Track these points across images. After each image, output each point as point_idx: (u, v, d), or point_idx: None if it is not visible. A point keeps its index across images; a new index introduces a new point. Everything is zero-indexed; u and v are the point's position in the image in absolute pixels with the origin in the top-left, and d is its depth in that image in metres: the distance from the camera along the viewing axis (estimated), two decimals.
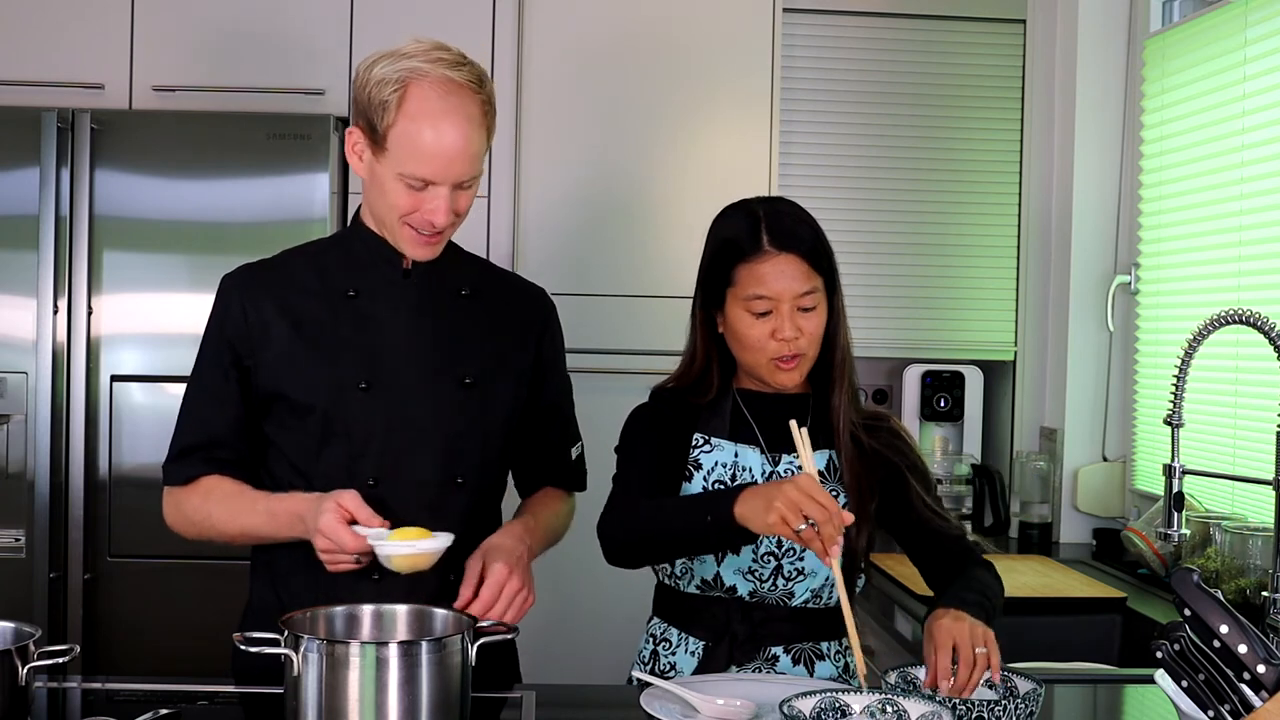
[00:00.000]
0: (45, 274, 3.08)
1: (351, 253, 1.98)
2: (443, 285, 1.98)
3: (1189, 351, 2.07)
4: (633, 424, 2.04)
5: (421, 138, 1.81)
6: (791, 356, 1.91)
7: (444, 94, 1.82)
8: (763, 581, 1.94)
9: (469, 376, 1.95)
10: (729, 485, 1.95)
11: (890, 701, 1.59)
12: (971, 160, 3.69)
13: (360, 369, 1.91)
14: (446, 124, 1.81)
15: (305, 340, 1.92)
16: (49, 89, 3.27)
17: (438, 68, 1.83)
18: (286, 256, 2.03)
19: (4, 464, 3.12)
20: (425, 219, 1.85)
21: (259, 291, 1.96)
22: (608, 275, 3.40)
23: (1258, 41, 2.78)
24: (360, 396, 1.90)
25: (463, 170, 1.84)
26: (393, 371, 1.92)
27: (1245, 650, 1.43)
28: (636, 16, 3.44)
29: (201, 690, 1.87)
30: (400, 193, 1.85)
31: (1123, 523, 3.24)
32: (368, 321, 1.93)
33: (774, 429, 1.98)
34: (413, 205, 1.85)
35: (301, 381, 1.91)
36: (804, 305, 1.91)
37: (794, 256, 1.90)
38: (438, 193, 1.84)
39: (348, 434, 1.91)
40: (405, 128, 1.81)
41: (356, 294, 1.94)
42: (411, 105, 1.81)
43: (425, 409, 1.93)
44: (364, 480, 1.89)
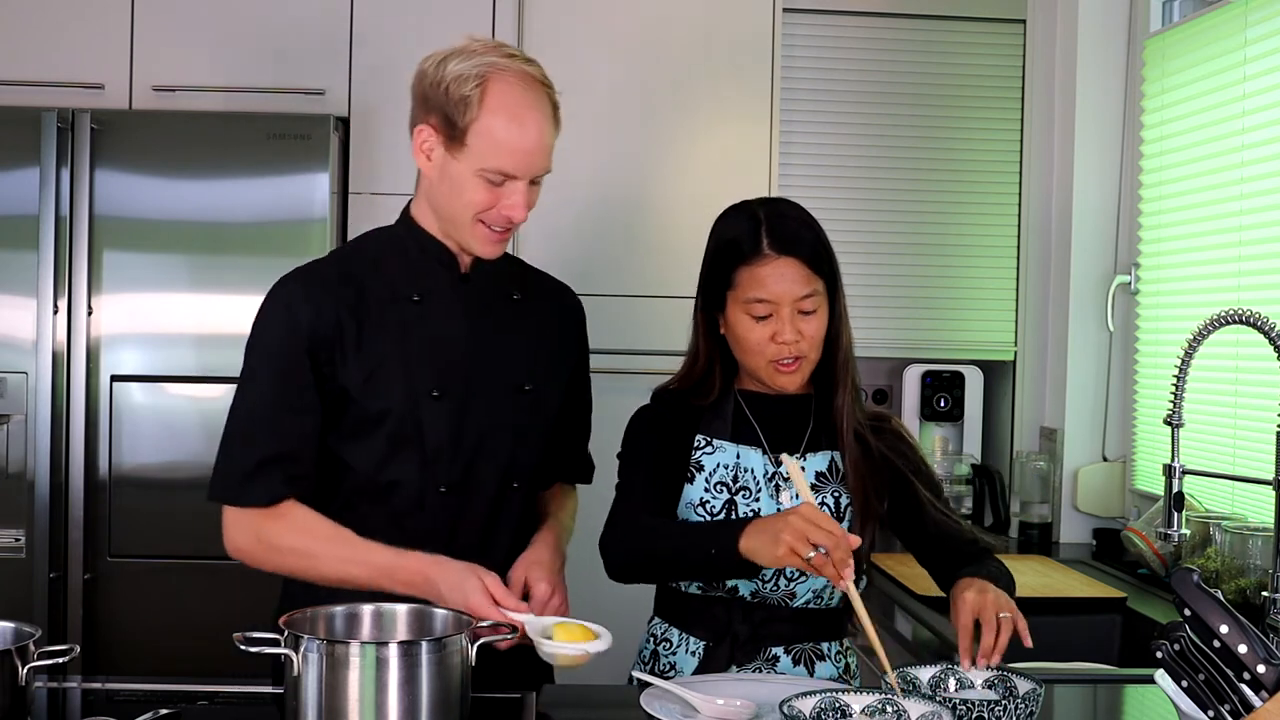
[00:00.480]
0: (45, 274, 3.08)
1: (410, 255, 1.94)
2: (496, 290, 1.97)
3: (1189, 351, 2.07)
4: (634, 428, 2.04)
5: (506, 132, 1.81)
6: (792, 359, 1.92)
7: (524, 88, 1.83)
8: (765, 582, 1.94)
9: (527, 384, 1.96)
10: (730, 487, 1.95)
11: (890, 701, 1.59)
12: (971, 160, 3.69)
13: (431, 376, 1.89)
14: (529, 117, 1.82)
15: (379, 347, 1.88)
16: (49, 89, 3.27)
17: (514, 63, 1.84)
18: (343, 259, 1.98)
19: (4, 464, 3.12)
20: (503, 215, 1.85)
21: (327, 296, 1.89)
22: (607, 275, 3.40)
23: (1258, 41, 2.78)
24: (432, 404, 1.89)
25: (542, 164, 1.85)
26: (460, 379, 1.91)
27: (1245, 650, 1.43)
28: (636, 16, 3.45)
29: (201, 690, 1.87)
30: (478, 189, 1.83)
31: (1123, 523, 3.24)
32: (433, 328, 1.91)
33: (776, 430, 1.98)
34: (490, 201, 1.84)
35: (377, 390, 1.88)
36: (804, 309, 1.91)
37: (794, 260, 1.89)
38: (516, 187, 1.83)
39: (421, 442, 1.89)
40: (488, 122, 1.81)
41: (421, 299, 1.91)
42: (493, 100, 1.81)
43: (489, 416, 1.93)
44: (436, 488, 1.90)
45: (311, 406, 1.87)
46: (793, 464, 1.82)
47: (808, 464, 1.97)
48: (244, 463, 1.88)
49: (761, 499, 1.95)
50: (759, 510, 1.94)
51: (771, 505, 1.95)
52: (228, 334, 3.13)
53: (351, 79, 3.35)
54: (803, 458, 1.97)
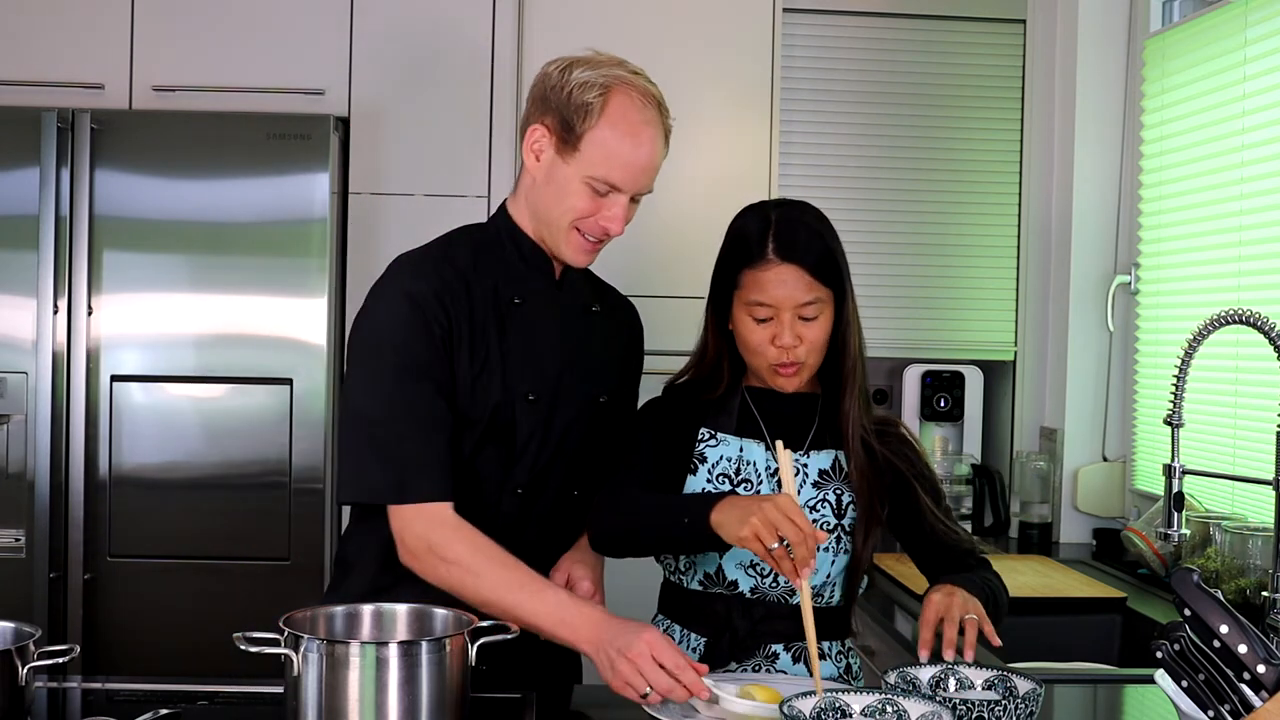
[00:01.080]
0: (45, 274, 3.07)
1: (507, 255, 1.95)
2: (581, 300, 2.01)
3: (1189, 351, 2.07)
4: (639, 418, 2.07)
5: (621, 144, 1.84)
6: (790, 363, 1.92)
7: (644, 105, 1.87)
8: (764, 577, 1.94)
9: (604, 395, 2.00)
10: (732, 479, 1.96)
11: (890, 701, 1.59)
12: (971, 160, 3.69)
13: (528, 378, 1.92)
14: (645, 134, 1.86)
15: (486, 344, 1.90)
16: (49, 89, 3.27)
17: (639, 80, 1.88)
18: (451, 251, 1.94)
19: (4, 464, 3.12)
20: (601, 225, 1.88)
21: (449, 291, 1.88)
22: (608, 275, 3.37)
23: (1258, 41, 2.78)
24: (526, 406, 1.91)
25: (648, 181, 1.89)
26: (552, 383, 1.94)
27: (1245, 650, 1.43)
28: (636, 16, 3.44)
29: (201, 690, 1.87)
30: (582, 195, 1.86)
31: (1123, 523, 3.24)
32: (531, 331, 1.93)
33: (782, 426, 1.99)
34: (591, 210, 1.87)
35: (480, 386, 1.89)
36: (805, 315, 1.91)
37: (797, 267, 1.90)
38: (619, 200, 1.87)
39: (511, 442, 1.91)
40: (604, 133, 1.84)
41: (522, 301, 1.93)
42: (613, 111, 1.85)
43: (568, 423, 1.96)
44: (514, 488, 1.92)
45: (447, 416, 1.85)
46: (784, 454, 1.81)
47: (811, 461, 1.98)
48: (402, 464, 1.82)
49: (762, 491, 1.96)
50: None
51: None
52: (228, 334, 3.13)
53: (351, 79, 3.35)
54: (806, 455, 1.98)
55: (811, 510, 1.95)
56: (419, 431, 1.82)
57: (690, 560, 1.98)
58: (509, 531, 1.90)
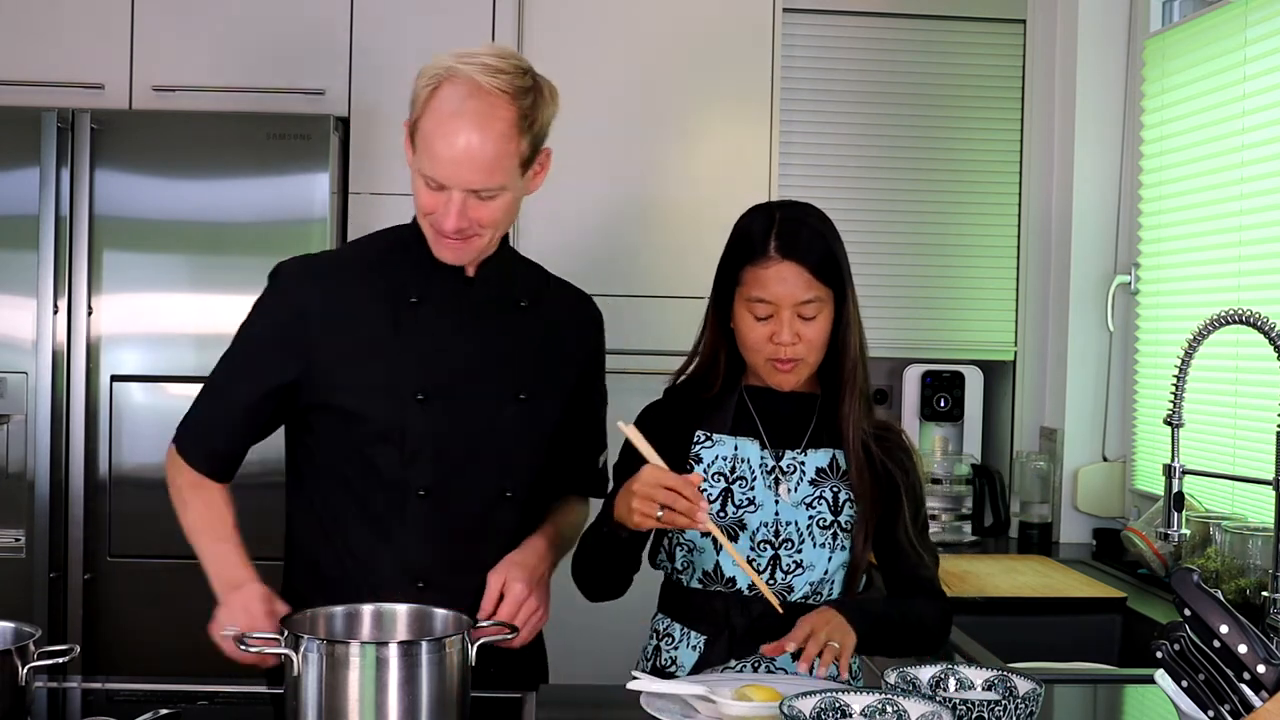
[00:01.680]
0: (45, 274, 3.07)
1: (416, 255, 1.92)
2: (503, 295, 1.96)
3: (1189, 351, 2.07)
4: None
5: (434, 138, 1.78)
6: (788, 360, 1.93)
7: (465, 96, 1.76)
8: (760, 573, 1.95)
9: (523, 392, 1.94)
10: (727, 478, 1.98)
11: (890, 701, 1.59)
12: (971, 160, 3.69)
13: (418, 379, 1.89)
14: (460, 126, 1.76)
15: (364, 345, 1.89)
16: (49, 89, 3.27)
17: (469, 69, 1.77)
18: (349, 253, 2.00)
19: (4, 464, 3.12)
20: (438, 222, 1.82)
21: (318, 288, 1.91)
22: (607, 275, 3.40)
23: (1258, 41, 2.78)
24: (416, 406, 1.88)
25: (472, 178, 1.77)
26: (450, 383, 1.90)
27: (1245, 650, 1.43)
28: (637, 17, 3.44)
29: (201, 690, 1.87)
30: (422, 191, 1.82)
31: (1123, 523, 3.24)
32: (428, 330, 1.90)
33: (779, 425, 2.00)
34: (432, 206, 1.82)
35: (356, 388, 1.88)
36: (804, 314, 1.92)
37: (798, 265, 1.91)
38: (450, 197, 1.79)
39: (402, 442, 1.88)
40: (425, 125, 1.79)
41: (420, 300, 1.90)
42: (435, 103, 1.78)
43: (479, 422, 1.91)
44: (414, 490, 1.89)
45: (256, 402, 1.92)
46: (630, 430, 1.84)
47: (808, 460, 1.99)
48: (191, 419, 1.97)
49: (757, 488, 1.97)
50: (754, 498, 1.97)
51: (768, 495, 1.97)
52: (228, 334, 3.08)
53: (351, 79, 3.35)
54: (804, 453, 1.99)
55: (808, 508, 1.96)
56: (215, 410, 1.95)
57: (687, 560, 1.98)
58: (429, 534, 1.89)
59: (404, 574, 1.88)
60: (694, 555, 1.98)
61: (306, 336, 1.88)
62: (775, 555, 1.95)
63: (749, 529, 1.96)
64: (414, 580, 1.88)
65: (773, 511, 1.97)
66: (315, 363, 1.88)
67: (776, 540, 1.96)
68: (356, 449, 1.90)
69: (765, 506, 1.97)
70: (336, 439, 1.92)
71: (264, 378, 1.91)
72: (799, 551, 1.95)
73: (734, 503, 1.97)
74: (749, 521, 1.96)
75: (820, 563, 1.95)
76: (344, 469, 1.91)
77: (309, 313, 1.89)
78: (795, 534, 1.95)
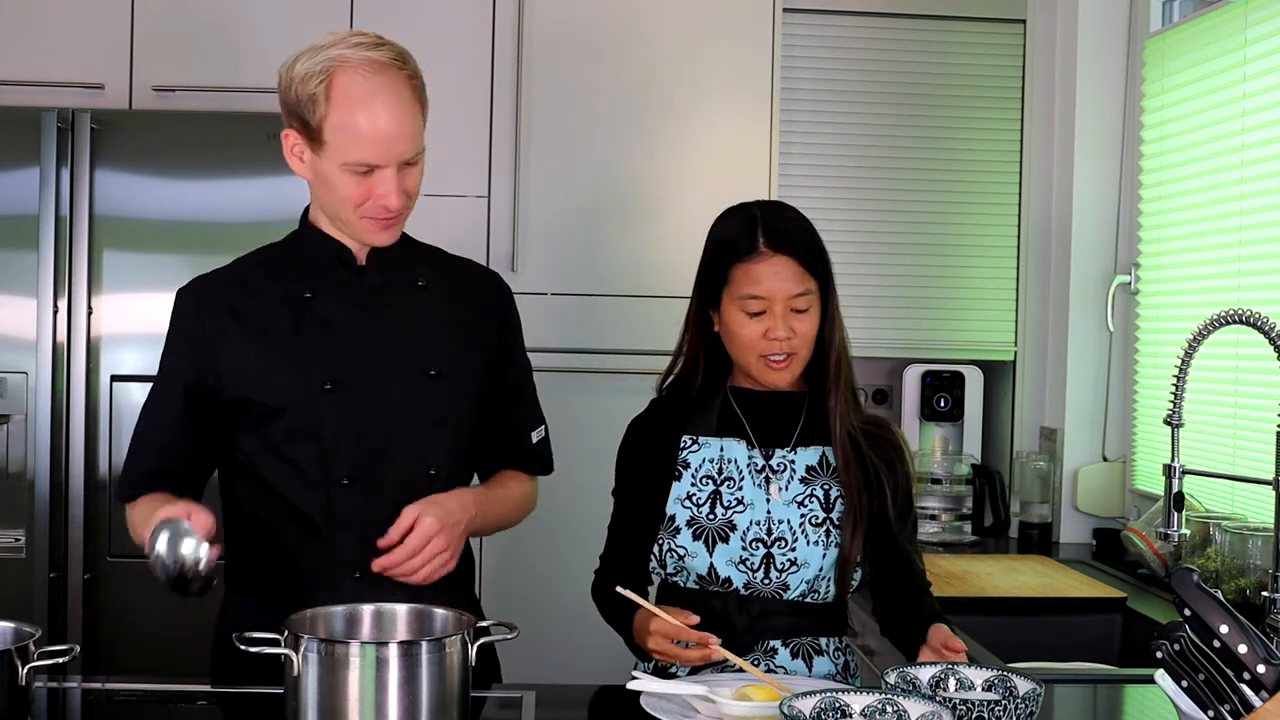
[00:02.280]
0: (45, 274, 3.07)
1: (304, 255, 1.97)
2: (399, 278, 1.98)
3: (1189, 351, 2.07)
4: (621, 449, 2.11)
5: (356, 123, 1.81)
6: (784, 356, 1.95)
7: (369, 75, 1.83)
8: (754, 571, 1.95)
9: (434, 368, 1.95)
10: (715, 480, 1.99)
11: (890, 701, 1.59)
12: (971, 160, 3.69)
13: (324, 370, 1.90)
14: (378, 104, 1.82)
15: (267, 346, 1.91)
16: (49, 89, 3.27)
17: (358, 51, 1.85)
18: (241, 264, 2.02)
19: (4, 464, 3.12)
20: (379, 204, 1.85)
21: (216, 302, 1.95)
22: (607, 275, 3.40)
23: (1258, 41, 2.78)
24: (326, 398, 1.90)
25: (403, 148, 1.84)
26: (357, 369, 1.91)
27: (1245, 650, 1.43)
28: (636, 16, 3.44)
29: (201, 690, 1.87)
30: (348, 184, 1.85)
31: (1123, 523, 3.24)
32: (327, 322, 1.93)
33: (766, 425, 2.02)
34: (363, 194, 1.85)
35: (266, 388, 1.90)
36: (797, 307, 1.94)
37: (788, 259, 1.93)
38: (385, 175, 1.84)
39: (317, 436, 1.90)
40: (338, 117, 1.82)
41: (313, 295, 1.93)
42: (339, 93, 1.82)
43: (393, 404, 1.92)
44: (338, 480, 1.90)
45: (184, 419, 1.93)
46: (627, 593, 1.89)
47: (798, 458, 2.00)
48: (127, 467, 1.97)
49: (745, 487, 1.98)
50: (742, 498, 1.97)
51: (758, 495, 1.97)
52: None
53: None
54: (793, 451, 2.00)
55: (799, 506, 1.97)
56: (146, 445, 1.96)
57: (679, 565, 1.99)
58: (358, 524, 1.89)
59: (338, 567, 1.89)
60: (686, 560, 1.98)
61: (209, 349, 1.92)
62: (768, 554, 1.95)
63: (739, 529, 1.96)
64: (349, 571, 1.89)
65: (764, 510, 1.97)
66: (224, 372, 1.91)
67: (769, 539, 1.96)
68: (275, 448, 1.91)
69: (756, 506, 1.97)
70: (256, 442, 1.93)
71: (171, 396, 1.94)
72: (792, 550, 1.96)
73: (722, 504, 1.98)
74: (738, 522, 1.97)
75: (814, 560, 1.95)
76: (266, 469, 1.93)
77: (209, 326, 1.93)
78: (788, 532, 1.96)
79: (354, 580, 1.88)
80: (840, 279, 2.03)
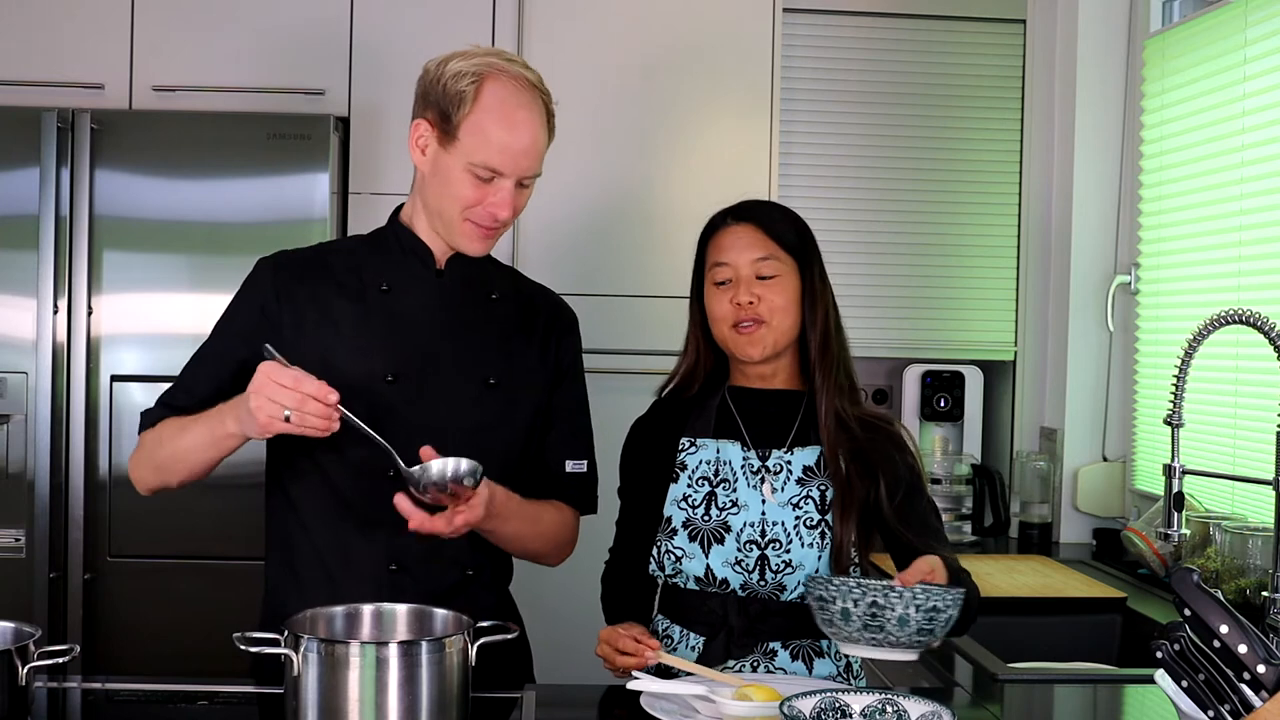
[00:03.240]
0: (45, 274, 3.07)
1: (387, 250, 2.00)
2: (474, 288, 2.01)
3: (1189, 351, 2.07)
4: (624, 451, 2.12)
5: (496, 129, 1.86)
6: (751, 322, 1.97)
7: (518, 89, 1.88)
8: (749, 572, 1.95)
9: (493, 377, 1.97)
10: (711, 481, 2.00)
11: (890, 701, 1.59)
12: (971, 160, 3.69)
13: (387, 361, 1.93)
14: (520, 117, 1.87)
15: (334, 332, 1.94)
16: (49, 89, 3.27)
17: (513, 66, 1.90)
18: (323, 249, 2.06)
19: (4, 464, 3.12)
20: (489, 211, 1.89)
21: (294, 278, 1.97)
22: (608, 275, 3.40)
23: (1258, 41, 2.78)
24: (385, 389, 1.92)
25: (530, 165, 1.89)
26: (419, 367, 1.94)
27: (1245, 650, 1.43)
28: (636, 17, 3.44)
29: (201, 690, 1.87)
30: (466, 184, 1.88)
31: (1123, 523, 3.24)
32: (398, 317, 1.95)
33: (762, 425, 2.02)
34: (477, 198, 1.89)
35: (326, 369, 1.88)
36: (761, 272, 1.98)
37: (751, 225, 2.00)
38: (503, 185, 1.88)
39: (372, 424, 1.87)
40: (480, 119, 1.86)
41: (389, 289, 1.96)
42: (487, 98, 1.87)
43: (449, 405, 1.95)
44: (384, 473, 1.88)
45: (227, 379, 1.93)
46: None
47: (794, 459, 2.00)
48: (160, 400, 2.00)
49: (740, 489, 1.98)
50: (737, 500, 1.98)
51: (753, 496, 1.97)
52: None
53: (351, 79, 3.35)
54: (789, 452, 2.00)
55: (794, 507, 1.96)
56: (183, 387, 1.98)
57: (676, 567, 1.99)
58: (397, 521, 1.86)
59: (379, 558, 1.91)
60: (683, 562, 1.98)
61: (278, 318, 1.94)
62: (763, 555, 1.95)
63: (734, 530, 1.96)
64: (387, 563, 1.91)
65: (759, 512, 1.97)
66: (284, 345, 1.89)
67: (763, 540, 1.96)
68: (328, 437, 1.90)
69: (751, 507, 1.97)
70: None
71: (226, 353, 1.95)
72: (787, 551, 1.95)
73: (717, 506, 1.99)
74: (733, 523, 1.97)
75: (810, 561, 1.95)
76: (316, 458, 1.94)
77: (281, 301, 1.95)
78: (782, 534, 1.95)
79: (390, 572, 1.90)
80: (840, 279, 2.04)
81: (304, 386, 1.72)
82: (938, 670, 2.19)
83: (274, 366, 1.73)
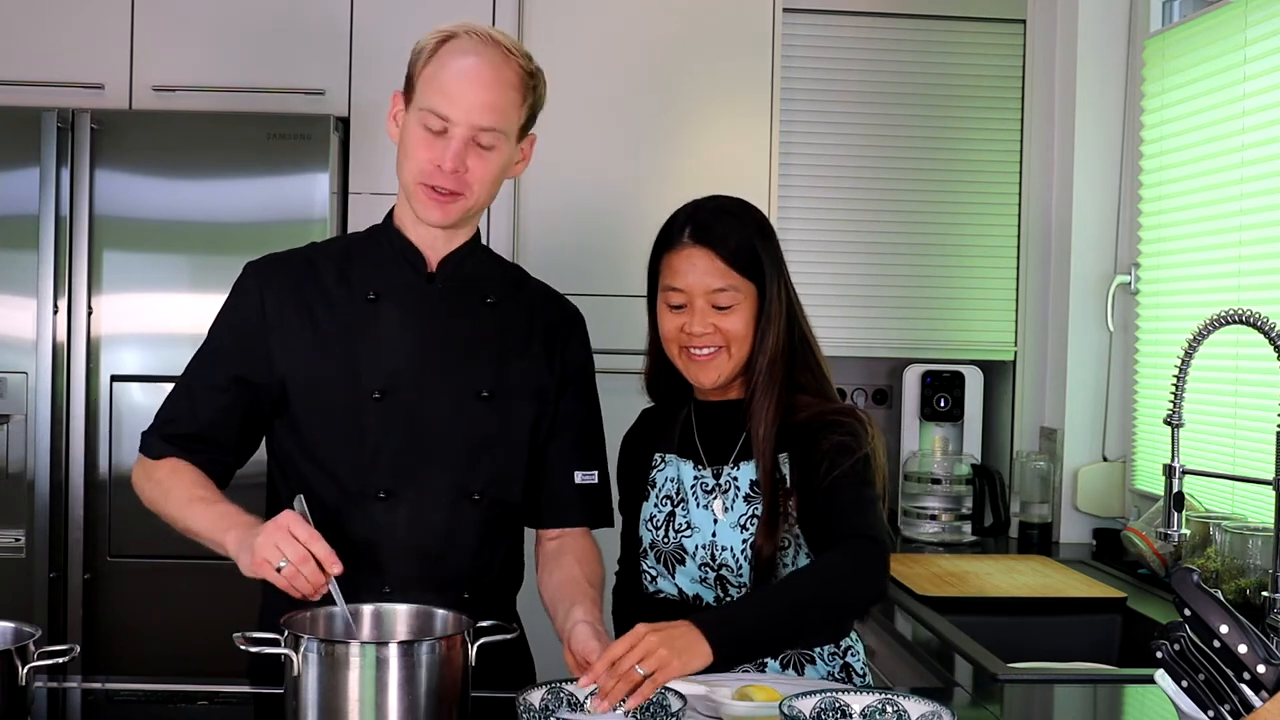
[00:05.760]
0: (45, 274, 3.07)
1: (378, 252, 1.93)
2: (468, 292, 1.93)
3: (1189, 351, 2.07)
4: (618, 466, 2.06)
5: (446, 74, 1.81)
6: (709, 350, 1.88)
7: (480, 44, 1.83)
8: (712, 589, 1.92)
9: (486, 389, 1.89)
10: (673, 500, 1.95)
11: (890, 701, 1.59)
12: (971, 160, 3.69)
13: (375, 376, 1.86)
14: (472, 63, 1.81)
15: (322, 342, 1.88)
16: (49, 89, 3.27)
17: (482, 29, 1.85)
18: (313, 251, 1.98)
19: (4, 464, 3.12)
20: (439, 168, 1.81)
21: (281, 284, 1.91)
22: (607, 275, 3.40)
23: (1258, 41, 2.78)
24: (373, 405, 1.86)
25: (481, 116, 1.80)
26: (408, 380, 1.87)
27: (1245, 650, 1.43)
28: (637, 16, 3.44)
29: (201, 690, 1.87)
30: (420, 141, 1.82)
31: (1123, 523, 3.24)
32: (386, 326, 1.88)
33: (714, 439, 1.95)
34: (430, 156, 1.81)
35: (313, 385, 1.87)
36: (718, 303, 1.87)
37: (709, 253, 1.87)
38: (454, 136, 1.80)
39: (359, 443, 1.86)
40: (434, 68, 1.83)
41: (378, 297, 1.89)
42: (444, 51, 1.83)
43: (440, 420, 1.87)
44: (374, 492, 1.86)
45: (228, 390, 1.89)
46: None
47: (740, 473, 1.92)
48: (159, 419, 1.93)
49: (691, 509, 1.93)
50: (690, 521, 1.93)
51: (704, 517, 1.92)
52: None
53: (351, 79, 3.35)
54: (735, 467, 1.92)
55: (741, 530, 1.89)
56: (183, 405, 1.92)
57: (655, 586, 1.96)
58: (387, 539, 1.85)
59: (368, 580, 1.84)
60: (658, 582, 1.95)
61: (266, 333, 1.89)
62: (720, 577, 1.91)
63: (689, 552, 1.92)
64: (379, 586, 1.85)
65: (709, 534, 1.91)
66: (274, 361, 1.88)
67: (715, 564, 1.90)
68: (314, 451, 1.88)
69: (703, 529, 1.91)
70: (296, 441, 1.89)
71: (222, 367, 1.90)
72: (739, 574, 1.90)
73: (674, 527, 1.93)
74: (687, 545, 1.92)
75: None
76: (304, 472, 1.89)
77: (269, 309, 1.89)
78: (731, 559, 1.89)
79: (384, 595, 1.82)
80: (840, 279, 2.02)
81: (313, 547, 1.63)
82: (938, 670, 2.19)
83: (296, 519, 1.65)
